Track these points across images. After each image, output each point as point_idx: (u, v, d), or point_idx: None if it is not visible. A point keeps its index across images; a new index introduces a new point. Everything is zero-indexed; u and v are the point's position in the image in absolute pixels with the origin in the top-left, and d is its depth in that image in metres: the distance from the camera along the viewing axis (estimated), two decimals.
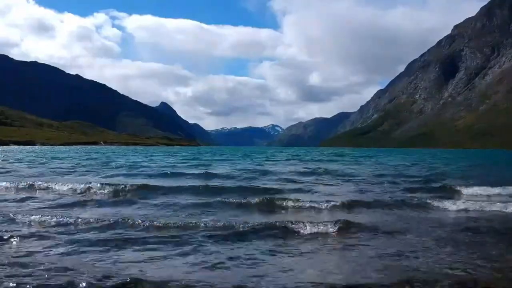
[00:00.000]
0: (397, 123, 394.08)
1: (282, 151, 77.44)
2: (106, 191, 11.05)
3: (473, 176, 17.27)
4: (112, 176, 16.12)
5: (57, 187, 11.56)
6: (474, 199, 10.15)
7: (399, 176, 16.76)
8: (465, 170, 22.85)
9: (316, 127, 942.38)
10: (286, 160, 34.79)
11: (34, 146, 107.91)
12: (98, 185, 11.49)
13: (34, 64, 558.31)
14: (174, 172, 17.95)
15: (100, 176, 15.75)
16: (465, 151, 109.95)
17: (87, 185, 11.49)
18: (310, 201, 9.02)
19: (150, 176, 16.27)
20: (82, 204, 9.24)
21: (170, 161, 30.25)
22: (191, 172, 18.15)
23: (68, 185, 11.61)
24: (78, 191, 11.15)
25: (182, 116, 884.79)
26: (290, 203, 8.99)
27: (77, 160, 29.83)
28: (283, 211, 8.59)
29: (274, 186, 12.61)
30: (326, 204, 8.74)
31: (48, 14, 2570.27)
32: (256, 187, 12.33)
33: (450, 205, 8.86)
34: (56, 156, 38.10)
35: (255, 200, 9.38)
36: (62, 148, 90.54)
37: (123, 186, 11.45)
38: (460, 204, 8.94)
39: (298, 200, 9.24)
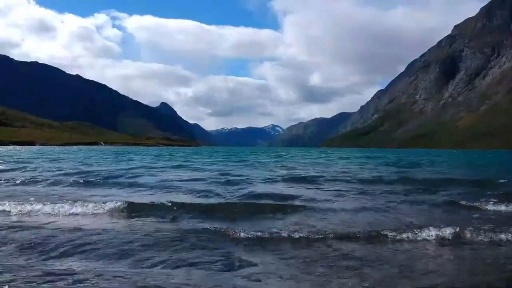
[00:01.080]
0: (398, 123, 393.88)
1: (279, 152, 77.41)
2: None
3: (497, 184, 13.72)
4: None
5: None
6: None
7: (411, 183, 13.97)
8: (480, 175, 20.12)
9: (317, 127, 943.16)
10: (280, 164, 29.17)
11: (34, 147, 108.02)
12: None
13: (35, 65, 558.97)
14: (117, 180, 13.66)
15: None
16: (466, 152, 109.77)
17: None
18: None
19: (79, 183, 12.57)
20: None
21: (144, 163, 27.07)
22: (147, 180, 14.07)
23: None
24: None
25: (182, 117, 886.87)
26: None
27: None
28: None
29: (257, 201, 9.41)
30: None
31: (48, 15, 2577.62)
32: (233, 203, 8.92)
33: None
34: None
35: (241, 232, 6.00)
36: (56, 148, 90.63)
37: None
38: None
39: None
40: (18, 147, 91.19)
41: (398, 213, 8.13)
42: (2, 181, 12.69)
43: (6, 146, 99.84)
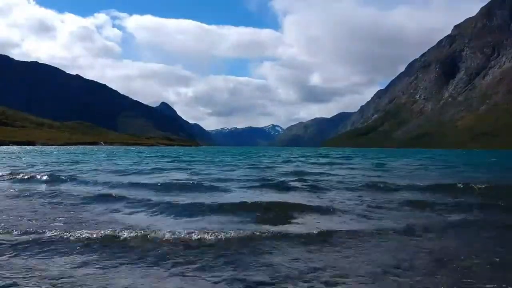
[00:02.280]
0: (398, 123, 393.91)
1: (280, 152, 77.33)
2: None
3: None
4: None
5: None
6: None
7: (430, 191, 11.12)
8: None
9: (317, 127, 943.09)
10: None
11: (34, 147, 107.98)
12: None
13: (35, 65, 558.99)
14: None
15: None
16: (469, 152, 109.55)
17: None
18: None
19: None
20: None
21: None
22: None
23: None
24: None
25: (182, 117, 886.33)
26: None
27: None
28: None
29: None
30: None
31: (48, 14, 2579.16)
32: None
33: None
34: None
35: None
36: (48, 148, 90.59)
37: None
38: None
39: None
40: (34, 147, 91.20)
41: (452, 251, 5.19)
42: None
43: (6, 146, 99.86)
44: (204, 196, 9.84)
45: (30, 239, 5.37)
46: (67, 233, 5.59)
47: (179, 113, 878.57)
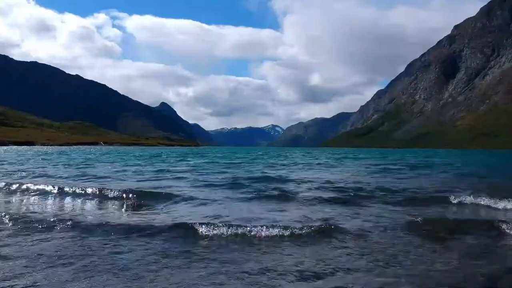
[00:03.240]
0: (398, 123, 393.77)
1: (269, 152, 77.06)
2: None
3: None
4: None
5: None
6: None
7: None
8: None
9: (317, 127, 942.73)
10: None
11: (33, 147, 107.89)
12: None
13: (35, 65, 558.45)
14: None
15: None
16: (470, 152, 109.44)
17: None
18: None
19: None
20: None
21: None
22: None
23: None
24: None
25: (182, 117, 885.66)
26: None
27: None
28: None
29: None
30: None
31: (48, 14, 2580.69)
32: None
33: None
34: None
35: None
36: (43, 148, 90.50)
37: None
38: None
39: None
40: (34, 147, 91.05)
41: None
42: None
43: (5, 146, 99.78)
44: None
45: None
46: None
47: (179, 113, 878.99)
